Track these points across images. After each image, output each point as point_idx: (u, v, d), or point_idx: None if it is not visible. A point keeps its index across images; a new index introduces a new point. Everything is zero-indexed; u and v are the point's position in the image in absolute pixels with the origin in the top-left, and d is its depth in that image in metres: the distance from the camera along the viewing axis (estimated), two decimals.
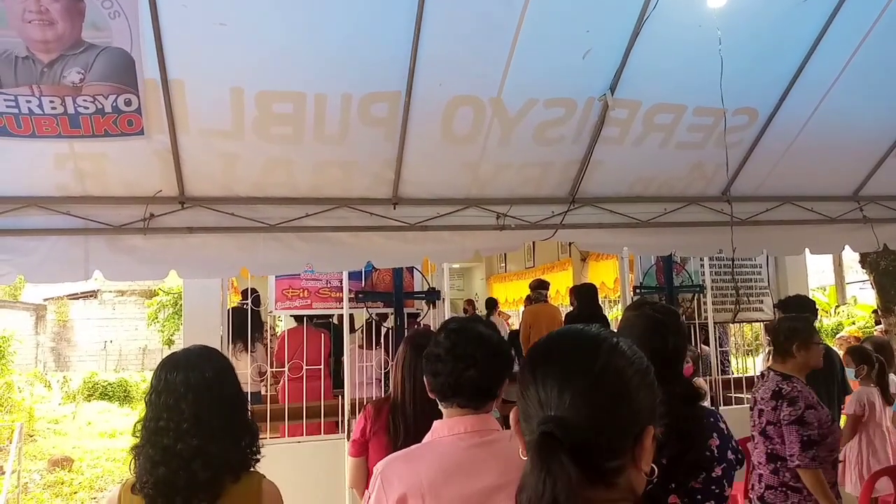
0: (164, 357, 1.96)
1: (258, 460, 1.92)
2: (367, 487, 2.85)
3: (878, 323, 8.36)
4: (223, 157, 3.64)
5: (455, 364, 1.75)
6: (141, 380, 16.15)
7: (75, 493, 8.07)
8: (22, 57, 2.96)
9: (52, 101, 3.14)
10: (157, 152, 3.50)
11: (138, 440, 1.83)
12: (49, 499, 7.78)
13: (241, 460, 1.86)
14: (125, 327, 21.16)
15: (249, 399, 2.54)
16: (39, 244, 3.58)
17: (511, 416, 1.01)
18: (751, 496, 3.38)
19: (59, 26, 2.91)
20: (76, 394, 14.68)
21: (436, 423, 1.80)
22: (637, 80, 3.78)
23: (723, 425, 2.07)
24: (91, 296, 21.35)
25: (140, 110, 3.28)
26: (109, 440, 11.11)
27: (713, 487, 1.98)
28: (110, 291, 21.24)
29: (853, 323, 13.82)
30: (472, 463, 1.68)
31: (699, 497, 1.97)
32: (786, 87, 4.10)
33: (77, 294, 21.21)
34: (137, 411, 13.72)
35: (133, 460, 1.83)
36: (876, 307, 6.96)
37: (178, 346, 19.39)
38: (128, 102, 3.24)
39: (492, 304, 9.96)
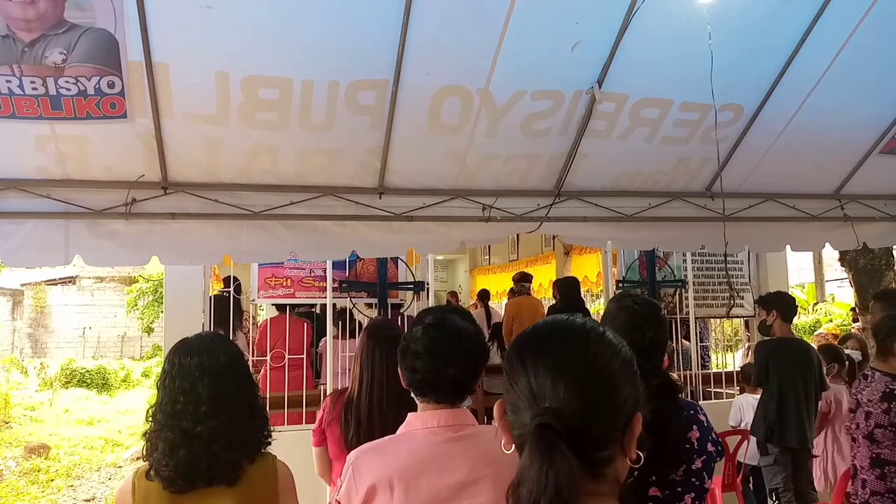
0: (176, 342, 1.97)
1: (270, 443, 1.96)
2: (332, 476, 2.88)
3: (855, 321, 8.49)
4: (207, 143, 3.60)
5: (434, 362, 1.74)
6: (119, 367, 16.01)
7: (52, 480, 7.99)
8: (2, 35, 2.89)
9: (33, 82, 3.08)
10: (140, 136, 3.45)
11: (151, 426, 1.85)
12: (25, 486, 7.70)
13: (256, 442, 1.90)
14: (104, 314, 20.93)
15: None
16: (18, 227, 3.51)
17: (496, 409, 1.00)
18: (854, 502, 3.32)
19: (41, 5, 2.85)
20: (53, 381, 14.50)
21: (410, 416, 1.80)
22: (625, 74, 3.78)
23: (702, 417, 2.09)
24: (69, 282, 21.09)
25: (123, 93, 3.23)
26: (87, 427, 11.01)
27: (693, 479, 2.00)
28: (89, 278, 21.00)
29: (830, 321, 14.00)
30: (444, 457, 1.69)
31: (679, 489, 1.98)
32: (771, 83, 4.12)
33: (55, 280, 20.94)
34: (116, 400, 13.61)
35: (147, 445, 1.84)
36: (854, 305, 7.05)
37: (158, 333, 19.35)
38: (111, 85, 3.19)
39: (485, 295, 9.96)
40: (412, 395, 1.82)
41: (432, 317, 1.83)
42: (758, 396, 5.01)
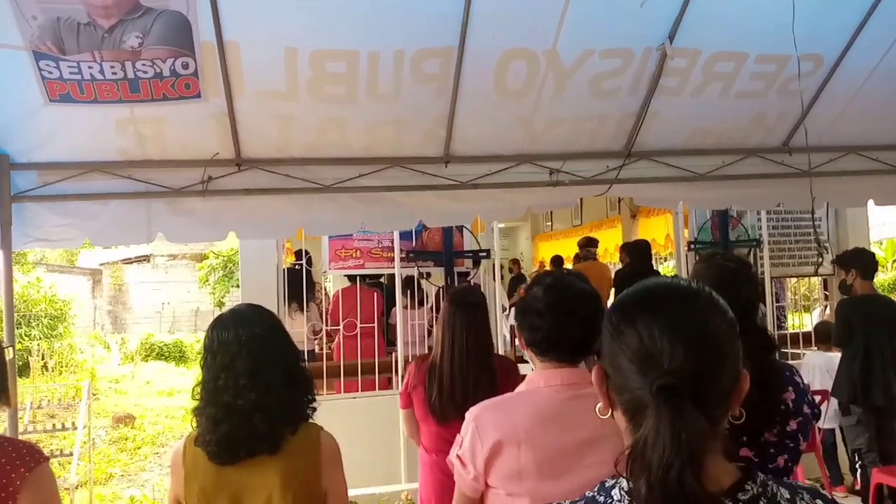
0: (213, 319, 2.00)
1: (315, 409, 1.97)
2: (419, 435, 2.93)
3: None
4: (278, 119, 3.66)
5: (556, 320, 1.74)
6: (195, 340, 16.67)
7: (138, 448, 8.43)
8: (84, 23, 2.99)
9: (112, 67, 3.18)
10: (214, 115, 3.53)
11: (198, 402, 1.89)
12: (115, 453, 8.15)
13: (298, 410, 1.91)
14: (177, 290, 21.77)
15: (305, 357, 2.59)
16: (103, 208, 3.67)
17: (595, 373, 0.99)
18: None
19: None
20: (134, 354, 15.24)
21: (531, 375, 1.81)
22: (697, 28, 3.63)
23: (798, 379, 2.03)
24: (144, 260, 21.99)
25: (197, 73, 3.30)
26: (168, 398, 11.55)
27: (787, 441, 1.95)
28: (162, 256, 21.84)
29: None
30: (568, 414, 1.68)
31: (772, 451, 1.94)
32: (854, 31, 3.90)
33: (130, 259, 21.87)
34: (193, 372, 14.20)
35: (194, 420, 1.89)
36: None
37: (229, 307, 19.97)
38: (185, 66, 3.27)
39: (558, 261, 9.89)
40: (532, 354, 1.81)
41: (552, 278, 1.82)
42: (830, 356, 4.87)
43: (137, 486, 6.65)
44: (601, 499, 0.92)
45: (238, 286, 19.10)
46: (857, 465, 4.39)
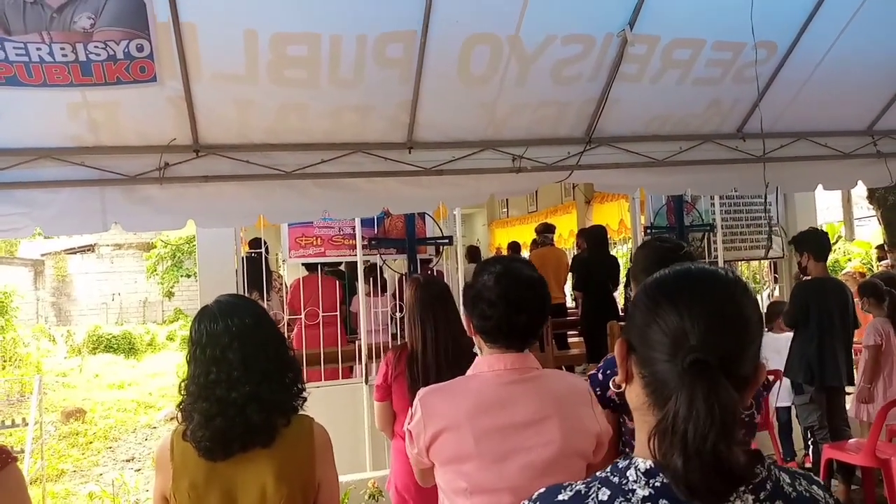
0: (198, 311, 1.93)
1: (305, 399, 1.93)
2: (394, 428, 2.95)
3: (881, 259, 8.43)
4: (237, 103, 3.57)
5: (507, 309, 1.76)
6: (144, 332, 16.28)
7: (90, 443, 8.21)
8: (30, 2, 2.85)
9: (62, 48, 3.04)
10: (171, 99, 3.42)
11: (185, 397, 1.83)
12: (66, 449, 7.91)
13: (289, 401, 1.87)
14: (124, 280, 21.17)
15: None
16: (55, 196, 3.52)
17: (618, 346, 1.00)
18: None
19: None
20: (81, 347, 14.79)
21: (477, 359, 1.84)
22: (656, 14, 3.68)
23: None
24: (88, 250, 21.29)
25: (152, 56, 3.19)
26: (118, 391, 11.26)
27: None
28: (107, 245, 21.18)
29: (850, 260, 13.91)
30: (510, 398, 1.73)
31: None
32: (805, 19, 4.00)
33: (74, 249, 21.15)
34: (143, 364, 13.87)
35: (181, 415, 1.83)
36: (883, 242, 7.00)
37: (179, 297, 19.56)
38: (140, 48, 3.15)
39: (516, 247, 9.96)
40: (480, 340, 1.83)
41: (501, 266, 1.83)
42: (777, 336, 5.03)
43: (92, 482, 6.47)
44: (615, 479, 0.92)
45: (188, 276, 18.68)
46: (810, 442, 4.56)
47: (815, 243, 4.66)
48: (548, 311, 1.88)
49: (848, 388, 4.85)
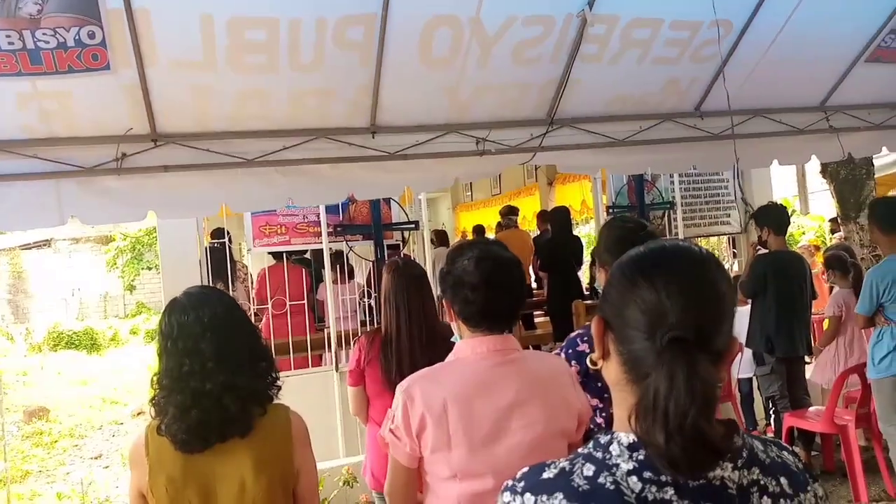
0: (168, 304, 1.90)
1: (279, 388, 1.91)
2: (367, 414, 2.95)
3: (834, 231, 8.67)
4: (195, 91, 3.50)
5: (489, 293, 1.76)
6: (107, 327, 15.94)
7: (55, 441, 8.04)
8: None
9: (8, 36, 2.94)
10: (126, 88, 3.34)
11: (157, 392, 1.80)
12: (29, 449, 7.74)
13: (264, 390, 1.86)
14: (83, 275, 20.64)
15: None
16: (8, 190, 3.40)
17: (595, 324, 1.01)
18: None
19: None
20: (41, 345, 14.43)
21: (458, 344, 1.83)
22: None
23: None
24: (45, 245, 20.71)
25: (105, 43, 3.11)
26: (82, 388, 11.02)
27: None
28: (64, 239, 20.61)
29: (804, 233, 14.28)
30: (494, 380, 1.73)
31: None
32: None
33: (29, 244, 20.54)
34: (106, 359, 13.60)
35: (154, 409, 1.80)
36: (836, 215, 7.19)
37: (140, 291, 19.18)
38: (91, 35, 3.06)
39: (481, 230, 9.98)
40: (462, 324, 1.83)
41: (479, 250, 1.83)
42: (739, 310, 5.16)
43: (59, 482, 6.35)
44: (599, 454, 0.93)
45: (149, 268, 18.29)
46: (771, 411, 4.70)
47: (775, 218, 4.77)
48: (525, 293, 1.90)
49: (808, 358, 5.01)
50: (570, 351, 2.14)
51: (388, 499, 1.88)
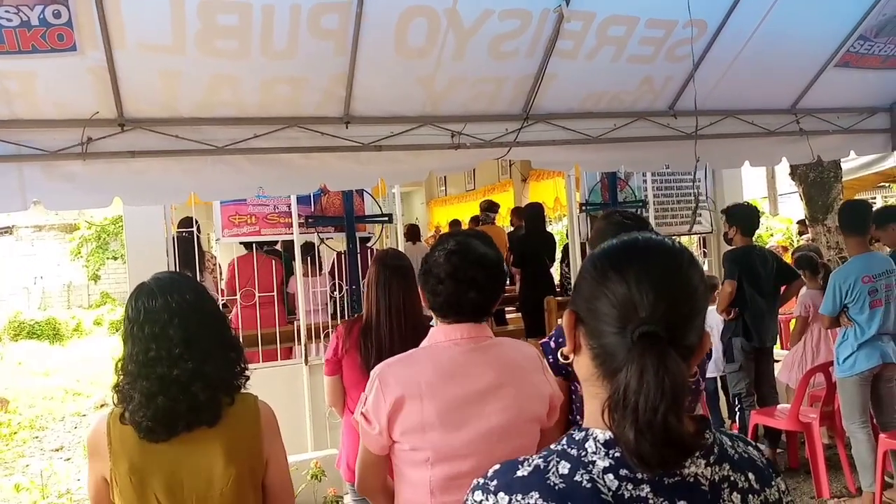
0: (135, 288, 1.84)
1: (248, 378, 1.87)
2: (343, 404, 2.92)
3: (801, 233, 8.82)
4: (164, 75, 3.42)
5: (456, 287, 1.76)
6: (70, 317, 15.61)
7: (15, 433, 7.84)
8: None
9: None
10: (92, 70, 3.25)
11: (121, 378, 1.74)
12: None
13: (233, 379, 1.82)
14: (46, 264, 20.18)
15: None
16: None
17: (566, 318, 0.99)
18: None
19: None
20: (2, 334, 14.10)
21: (433, 330, 1.83)
22: None
23: None
24: (6, 232, 20.20)
25: (71, 23, 3.02)
26: (44, 379, 10.78)
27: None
28: (27, 227, 20.12)
29: (772, 235, 14.53)
30: (468, 366, 1.74)
31: None
32: None
33: None
34: (69, 350, 13.32)
35: (118, 397, 1.74)
36: (804, 217, 7.31)
37: (105, 281, 18.81)
38: (57, 14, 2.97)
39: (457, 225, 9.97)
40: (434, 315, 1.83)
41: (454, 242, 1.82)
42: (710, 308, 5.22)
43: (18, 473, 6.19)
44: (574, 451, 0.91)
45: (115, 258, 17.93)
46: (737, 409, 4.76)
47: (745, 219, 4.83)
48: (502, 289, 1.88)
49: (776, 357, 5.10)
50: (561, 340, 2.09)
51: (359, 485, 1.87)
